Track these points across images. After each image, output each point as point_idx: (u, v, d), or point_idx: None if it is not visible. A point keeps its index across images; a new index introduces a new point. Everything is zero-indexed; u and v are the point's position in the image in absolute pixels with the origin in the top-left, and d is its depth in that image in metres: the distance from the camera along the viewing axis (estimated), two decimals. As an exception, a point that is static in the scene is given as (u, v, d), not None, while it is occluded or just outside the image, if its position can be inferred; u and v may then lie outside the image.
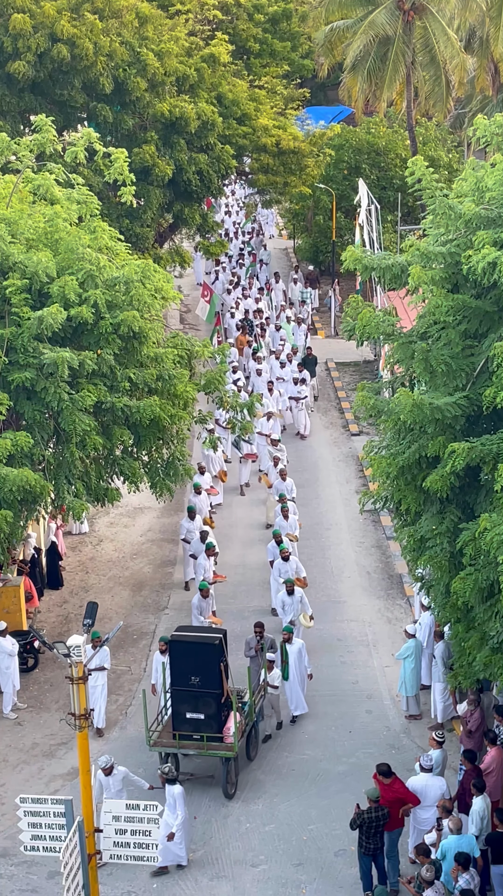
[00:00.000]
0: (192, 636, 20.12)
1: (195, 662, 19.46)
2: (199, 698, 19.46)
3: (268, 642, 21.56)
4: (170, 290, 23.52)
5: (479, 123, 18.21)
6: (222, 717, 19.58)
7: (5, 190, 23.53)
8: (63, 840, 15.19)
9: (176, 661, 19.71)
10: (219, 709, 19.51)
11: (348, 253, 18.37)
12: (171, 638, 20.20)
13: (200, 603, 23.86)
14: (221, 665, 19.45)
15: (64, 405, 20.63)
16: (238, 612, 25.63)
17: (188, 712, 19.52)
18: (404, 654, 21.56)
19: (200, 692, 19.43)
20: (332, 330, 45.67)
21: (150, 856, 15.84)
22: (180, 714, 19.60)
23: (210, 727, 19.49)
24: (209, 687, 19.42)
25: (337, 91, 57.59)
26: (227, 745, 19.49)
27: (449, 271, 16.86)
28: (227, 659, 19.75)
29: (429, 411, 15.91)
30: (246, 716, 20.17)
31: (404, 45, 45.76)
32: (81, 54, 33.24)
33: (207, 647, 19.56)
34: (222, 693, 19.49)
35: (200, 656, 19.47)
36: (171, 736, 19.78)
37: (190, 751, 19.72)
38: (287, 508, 27.29)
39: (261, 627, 21.82)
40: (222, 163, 37.49)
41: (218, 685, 19.45)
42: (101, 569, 28.35)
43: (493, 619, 15.40)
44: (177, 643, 19.86)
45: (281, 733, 21.51)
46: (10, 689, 22.43)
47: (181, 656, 19.64)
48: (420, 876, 15.99)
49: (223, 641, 19.72)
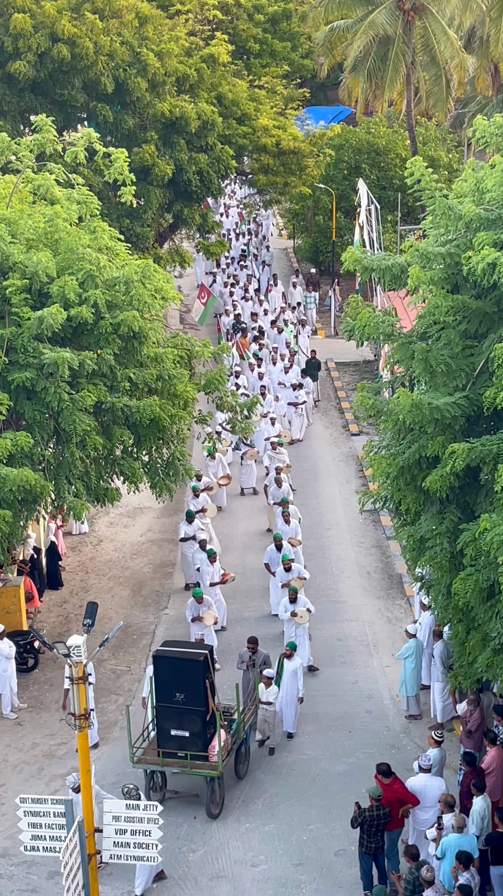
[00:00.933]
0: (176, 652, 19.53)
1: (180, 679, 18.96)
2: (183, 715, 18.97)
3: (261, 658, 21.20)
4: (170, 290, 23.51)
5: (478, 124, 18.21)
6: (208, 735, 19.03)
7: (5, 190, 23.53)
8: (63, 840, 15.21)
9: (160, 676, 19.19)
10: (204, 726, 18.95)
11: (348, 254, 18.37)
12: (155, 653, 19.63)
13: (193, 607, 23.30)
14: (206, 682, 18.95)
15: (64, 405, 20.63)
16: (237, 617, 25.49)
17: (173, 729, 19.03)
18: (405, 654, 21.56)
19: (185, 709, 18.93)
20: (332, 330, 45.67)
21: (149, 856, 15.88)
22: (165, 731, 19.12)
23: (195, 745, 18.96)
24: (194, 704, 18.92)
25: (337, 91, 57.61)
26: (212, 764, 18.94)
27: (448, 272, 16.87)
28: (212, 676, 19.28)
29: (428, 411, 15.91)
30: (233, 733, 19.67)
31: (404, 45, 45.78)
32: (82, 54, 33.26)
33: (192, 663, 19.05)
34: (207, 710, 18.99)
35: (185, 672, 18.96)
36: (155, 753, 19.27)
37: (174, 769, 19.22)
38: (288, 513, 27.05)
39: (254, 643, 21.45)
40: (222, 163, 37.50)
41: (203, 702, 18.94)
42: (101, 569, 28.35)
43: (494, 619, 15.41)
44: (161, 658, 19.30)
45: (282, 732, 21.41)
46: (8, 692, 22.43)
47: (166, 672, 19.13)
48: (420, 876, 16.02)
49: (209, 658, 19.22)
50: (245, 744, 20.23)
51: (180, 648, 19.81)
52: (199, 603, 23.31)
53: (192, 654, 19.31)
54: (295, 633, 22.80)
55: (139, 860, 16.13)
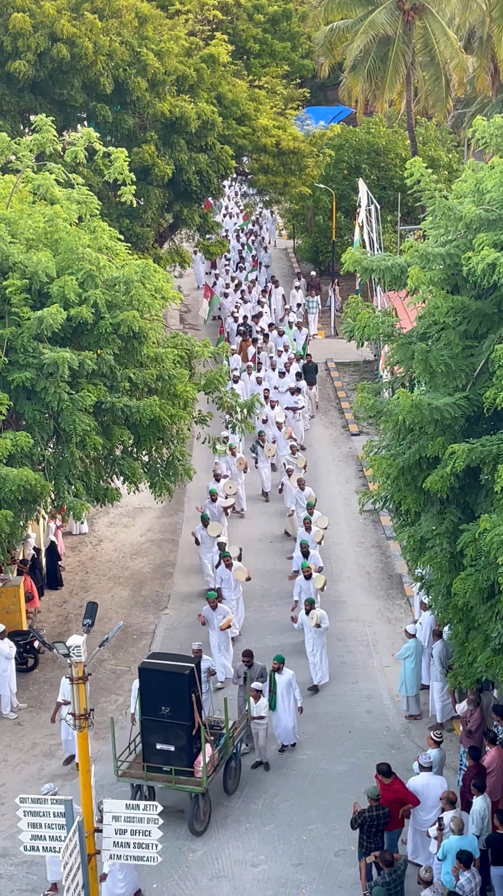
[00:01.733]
0: (162, 664, 19.07)
1: (165, 692, 18.59)
2: (169, 729, 18.61)
3: (256, 671, 20.72)
4: (170, 290, 23.51)
5: (478, 125, 18.21)
6: (193, 750, 18.66)
7: (5, 190, 23.54)
8: (63, 840, 15.21)
9: (146, 689, 18.80)
10: (189, 741, 18.58)
11: (348, 255, 18.35)
12: (141, 665, 19.22)
13: (208, 614, 22.98)
14: (192, 696, 18.54)
15: (64, 405, 20.63)
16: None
17: (158, 743, 18.69)
18: (404, 654, 21.56)
19: (170, 723, 18.58)
20: (332, 330, 45.65)
21: (150, 856, 15.87)
22: (150, 745, 18.78)
23: (180, 760, 18.58)
24: (179, 718, 18.53)
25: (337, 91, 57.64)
26: (196, 780, 18.58)
27: (448, 272, 16.86)
28: (199, 689, 18.90)
29: (428, 412, 15.90)
30: (220, 748, 19.30)
31: (404, 45, 45.78)
32: (81, 54, 33.27)
33: (177, 676, 18.61)
34: (193, 725, 18.59)
35: (170, 686, 18.57)
36: (140, 767, 18.96)
37: (158, 783, 18.87)
38: (310, 520, 26.56)
39: (249, 656, 20.93)
40: (222, 163, 37.50)
41: (188, 717, 18.53)
42: (101, 569, 28.36)
43: (494, 619, 15.41)
44: (147, 671, 18.87)
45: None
46: (8, 692, 22.43)
47: (151, 685, 18.74)
48: (419, 876, 16.04)
49: (195, 671, 18.83)
50: (235, 759, 19.85)
51: (166, 661, 19.30)
52: (212, 609, 22.90)
53: (178, 668, 18.84)
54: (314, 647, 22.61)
55: (139, 860, 16.13)
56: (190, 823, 18.72)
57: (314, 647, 22.66)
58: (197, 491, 31.46)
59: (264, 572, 27.40)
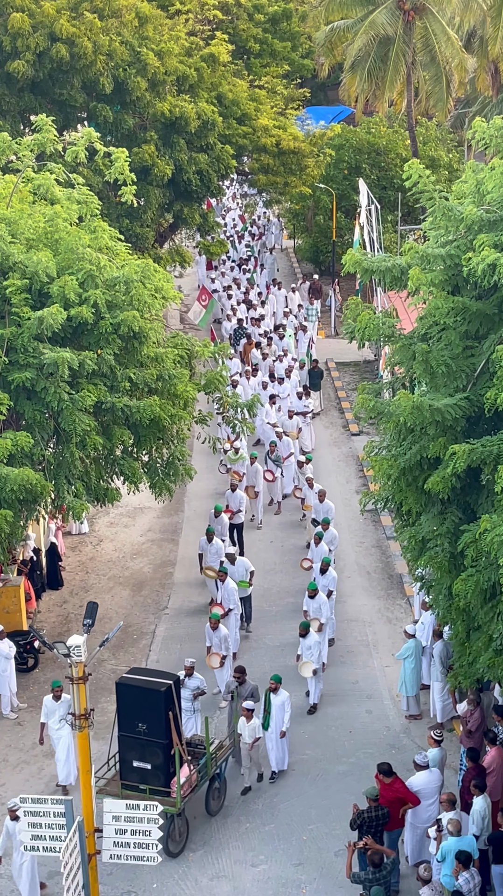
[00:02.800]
0: (140, 680, 18.64)
1: (142, 709, 18.18)
2: (145, 747, 18.24)
3: (247, 690, 20.23)
4: (170, 289, 23.50)
5: (477, 126, 18.21)
6: (170, 769, 18.24)
7: (5, 190, 23.53)
8: (63, 840, 15.21)
9: (123, 705, 18.40)
10: (166, 760, 18.20)
11: (348, 257, 18.36)
12: (118, 680, 18.74)
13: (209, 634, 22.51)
14: (170, 713, 18.08)
15: (64, 405, 20.63)
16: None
17: (135, 760, 18.33)
18: (404, 655, 21.56)
19: (147, 741, 18.21)
20: (332, 330, 45.62)
21: (150, 856, 15.88)
22: (127, 762, 18.42)
23: (157, 779, 18.16)
24: (156, 736, 18.14)
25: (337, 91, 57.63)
26: (171, 801, 18.08)
27: (449, 273, 16.87)
28: (177, 707, 18.38)
29: (429, 413, 15.90)
30: (200, 768, 18.88)
31: (404, 45, 45.76)
32: (80, 53, 33.24)
33: (154, 693, 18.14)
34: (170, 743, 18.17)
35: (147, 703, 18.14)
36: (116, 784, 18.57)
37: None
38: (320, 536, 25.59)
39: (241, 672, 20.48)
40: (222, 163, 37.47)
41: (165, 735, 18.11)
42: (101, 569, 28.36)
43: (495, 620, 15.41)
44: (124, 687, 18.45)
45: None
46: (8, 692, 22.43)
47: (128, 701, 18.35)
48: (417, 875, 16.05)
49: (173, 688, 18.33)
50: (219, 779, 19.43)
51: (145, 677, 18.88)
52: (213, 629, 22.35)
53: (155, 684, 18.37)
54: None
55: (139, 860, 16.15)
56: (165, 844, 17.94)
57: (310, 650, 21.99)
58: (197, 491, 31.50)
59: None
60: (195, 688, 20.34)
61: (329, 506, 27.64)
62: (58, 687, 19.99)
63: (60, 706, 19.86)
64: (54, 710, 19.94)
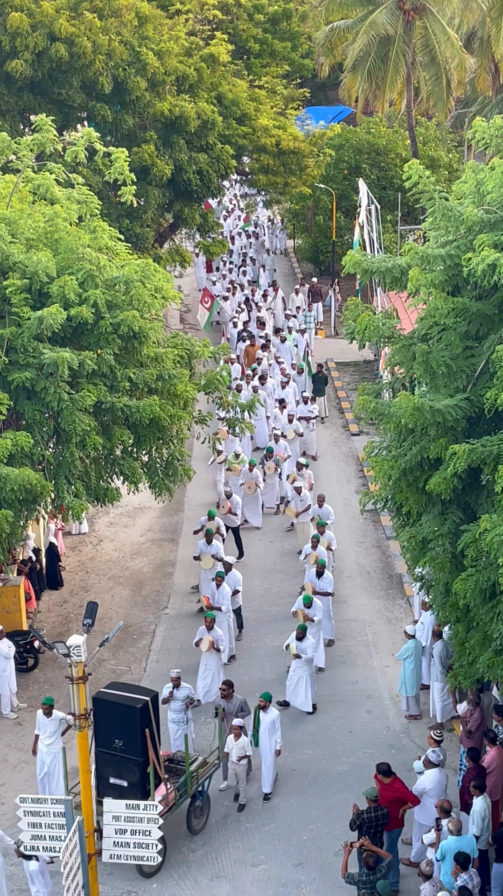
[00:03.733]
0: (117, 696, 18.07)
1: (118, 725, 17.72)
2: (122, 763, 17.85)
3: (235, 705, 19.63)
4: (170, 289, 23.50)
5: (477, 126, 18.21)
6: (147, 787, 17.78)
7: (5, 190, 23.53)
8: (63, 840, 15.21)
9: (100, 720, 17.80)
10: (142, 777, 17.75)
11: (348, 257, 18.35)
12: (94, 695, 18.03)
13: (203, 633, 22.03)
14: (146, 730, 17.62)
15: (64, 405, 20.62)
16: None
17: (111, 777, 17.85)
18: (404, 655, 21.56)
19: (123, 757, 17.82)
20: (332, 330, 45.60)
21: (150, 855, 15.89)
22: (104, 778, 17.89)
23: (133, 796, 17.34)
24: (131, 753, 17.76)
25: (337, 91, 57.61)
26: None
27: (449, 273, 16.86)
28: (153, 724, 17.81)
29: (430, 414, 15.89)
30: (178, 786, 18.43)
31: (405, 45, 45.78)
32: (79, 53, 33.24)
33: (129, 710, 17.69)
34: (146, 761, 17.74)
35: (123, 719, 17.71)
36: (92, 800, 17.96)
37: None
38: (317, 539, 25.13)
39: (228, 686, 19.87)
40: (222, 163, 37.48)
41: (140, 752, 17.71)
42: (101, 569, 28.36)
43: (495, 620, 15.41)
44: (100, 702, 17.86)
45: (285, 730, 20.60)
46: (8, 692, 22.42)
47: (105, 716, 17.81)
48: (419, 870, 16.05)
49: (150, 704, 17.79)
50: (201, 798, 19.00)
51: (122, 692, 18.26)
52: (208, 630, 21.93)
53: (131, 700, 17.89)
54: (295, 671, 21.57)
55: (139, 860, 16.16)
56: (138, 866, 17.80)
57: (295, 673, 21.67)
58: (198, 491, 31.50)
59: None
60: (185, 697, 19.94)
61: (328, 510, 27.46)
62: (47, 704, 19.46)
63: (51, 723, 19.42)
64: (45, 725, 19.48)
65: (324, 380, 37.29)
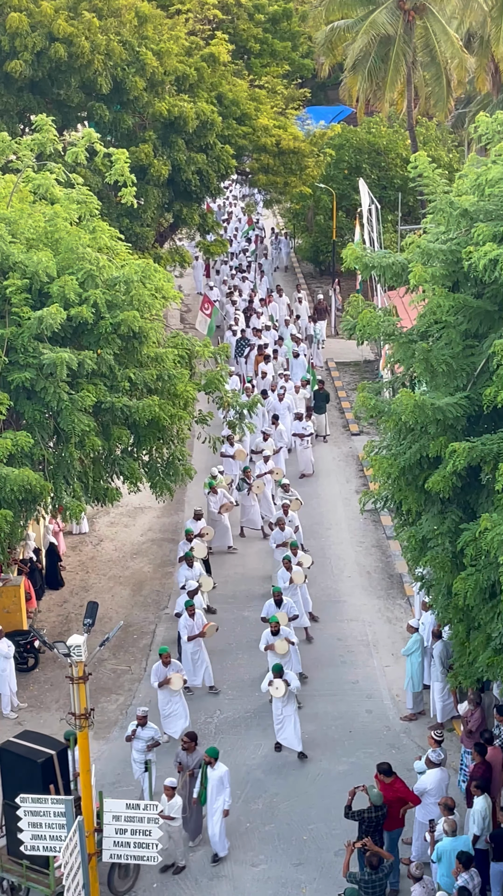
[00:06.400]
0: (22, 747, 16.99)
1: (21, 778, 16.68)
2: None
3: (195, 760, 18.38)
4: (170, 289, 23.49)
5: (481, 121, 18.20)
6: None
7: (5, 190, 23.53)
8: (63, 840, 15.21)
9: (6, 772, 17.00)
10: None
11: (348, 251, 18.33)
12: (2, 745, 17.20)
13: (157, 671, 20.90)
14: (51, 786, 16.51)
15: (63, 405, 20.61)
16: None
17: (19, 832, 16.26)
18: (410, 650, 21.51)
19: None
20: (333, 329, 45.58)
21: (149, 855, 15.88)
22: (13, 833, 16.64)
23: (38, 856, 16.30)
24: None
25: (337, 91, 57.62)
26: (45, 881, 16.53)
27: (449, 269, 16.83)
28: (58, 778, 16.73)
29: (430, 412, 15.86)
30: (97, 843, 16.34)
31: (405, 45, 45.80)
32: (78, 53, 33.25)
33: (31, 763, 16.60)
34: None
35: (25, 773, 16.68)
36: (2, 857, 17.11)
37: (12, 877, 16.89)
38: (289, 560, 24.03)
39: (191, 739, 18.65)
40: (222, 162, 37.48)
41: None
42: (101, 568, 28.35)
43: (495, 619, 15.39)
44: (5, 752, 16.94)
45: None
46: (8, 692, 22.42)
47: (10, 768, 16.92)
48: (408, 871, 16.04)
49: (54, 759, 16.71)
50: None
51: (29, 744, 17.14)
52: (164, 665, 20.71)
53: (35, 753, 16.77)
54: (282, 711, 20.48)
55: (139, 860, 16.14)
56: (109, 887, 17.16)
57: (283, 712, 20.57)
58: (198, 491, 31.46)
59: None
60: (149, 738, 19.09)
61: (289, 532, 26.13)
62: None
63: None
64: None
65: (326, 397, 35.81)
